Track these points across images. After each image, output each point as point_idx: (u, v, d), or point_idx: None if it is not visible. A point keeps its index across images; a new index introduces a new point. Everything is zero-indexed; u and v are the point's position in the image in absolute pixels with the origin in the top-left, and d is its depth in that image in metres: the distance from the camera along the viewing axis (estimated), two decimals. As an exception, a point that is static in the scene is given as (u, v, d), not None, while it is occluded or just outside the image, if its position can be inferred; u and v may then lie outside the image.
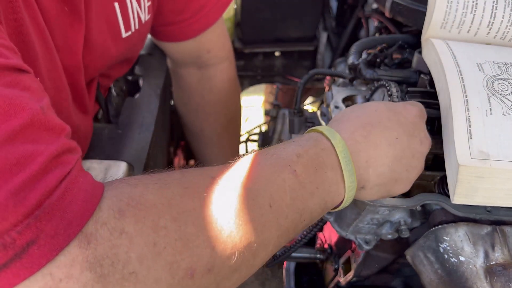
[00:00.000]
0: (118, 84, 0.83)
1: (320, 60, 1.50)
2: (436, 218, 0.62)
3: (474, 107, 0.56)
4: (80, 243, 0.34)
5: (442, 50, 0.64)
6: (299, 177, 0.47)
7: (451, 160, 0.55)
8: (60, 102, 0.58)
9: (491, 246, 0.59)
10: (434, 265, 0.61)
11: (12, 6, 0.46)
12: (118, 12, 0.69)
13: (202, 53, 0.96)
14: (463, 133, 0.55)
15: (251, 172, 0.45)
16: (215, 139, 1.15)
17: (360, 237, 0.67)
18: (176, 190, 0.40)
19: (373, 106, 0.55)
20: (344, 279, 0.79)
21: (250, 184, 0.44)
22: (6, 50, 0.38)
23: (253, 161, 0.47)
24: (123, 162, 0.65)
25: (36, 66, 0.52)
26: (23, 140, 0.34)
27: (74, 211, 0.35)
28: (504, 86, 0.59)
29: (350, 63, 0.77)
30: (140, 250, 0.35)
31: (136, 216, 0.36)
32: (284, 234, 0.46)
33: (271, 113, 1.33)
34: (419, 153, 0.55)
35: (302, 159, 0.48)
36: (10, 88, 0.35)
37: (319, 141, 0.51)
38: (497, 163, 0.53)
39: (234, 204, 0.42)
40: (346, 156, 0.49)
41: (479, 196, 0.54)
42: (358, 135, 0.51)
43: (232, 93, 1.11)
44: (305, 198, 0.47)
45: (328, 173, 0.49)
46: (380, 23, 0.96)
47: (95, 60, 0.68)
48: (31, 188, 0.33)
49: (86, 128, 0.67)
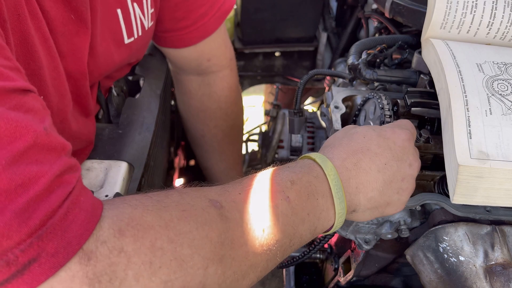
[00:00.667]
0: (118, 84, 0.83)
1: (320, 60, 1.50)
2: (436, 218, 0.62)
3: (473, 107, 0.56)
4: (81, 259, 0.36)
5: (442, 50, 0.64)
6: (291, 203, 0.49)
7: (451, 160, 0.55)
8: (63, 108, 0.59)
9: (491, 246, 0.59)
10: (434, 265, 0.61)
11: (18, 16, 0.47)
12: (120, 19, 0.69)
13: (201, 61, 0.97)
14: (463, 133, 0.55)
15: (246, 196, 0.48)
16: (215, 145, 1.16)
17: (360, 236, 0.67)
18: (174, 212, 0.42)
19: (361, 133, 0.57)
20: (344, 278, 0.79)
21: (245, 209, 0.47)
22: (11, 71, 0.39)
23: (248, 185, 0.49)
24: (124, 162, 0.65)
25: (41, 75, 0.53)
26: (27, 161, 0.36)
27: (74, 231, 0.37)
28: (503, 86, 0.59)
29: (350, 63, 0.77)
30: (137, 268, 0.38)
31: (135, 236, 0.39)
32: (273, 258, 0.48)
33: (271, 113, 1.33)
34: (408, 176, 0.57)
35: (296, 185, 0.50)
36: (15, 111, 0.37)
37: (312, 169, 0.53)
38: (497, 163, 0.53)
39: (228, 228, 0.44)
40: (337, 184, 0.52)
41: (479, 196, 0.55)
42: (349, 163, 0.54)
43: (233, 101, 1.12)
44: (296, 224, 0.49)
45: (320, 200, 0.51)
46: (380, 23, 0.96)
47: (99, 66, 0.69)
48: (35, 208, 0.35)
49: (89, 131, 0.67)
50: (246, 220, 0.46)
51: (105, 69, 0.72)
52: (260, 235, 0.46)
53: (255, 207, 0.47)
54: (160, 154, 0.97)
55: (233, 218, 0.45)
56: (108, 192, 0.59)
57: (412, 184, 0.58)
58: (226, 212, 0.45)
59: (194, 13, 0.86)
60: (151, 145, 0.74)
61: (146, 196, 0.44)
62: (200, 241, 0.42)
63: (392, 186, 0.55)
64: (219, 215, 0.44)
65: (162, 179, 1.11)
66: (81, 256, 0.36)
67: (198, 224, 0.42)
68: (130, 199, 0.43)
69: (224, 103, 1.08)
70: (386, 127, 0.59)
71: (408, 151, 0.57)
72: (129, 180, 0.64)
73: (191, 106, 1.09)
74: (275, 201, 0.48)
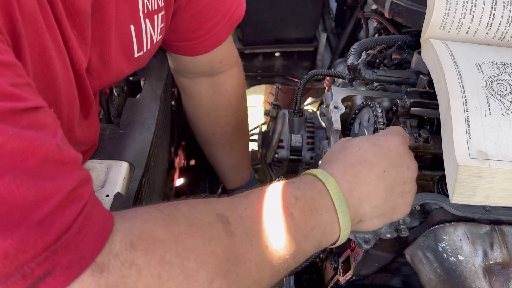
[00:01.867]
0: (119, 85, 0.83)
1: (320, 60, 1.51)
2: (435, 218, 0.62)
3: (473, 107, 0.57)
4: (94, 272, 0.38)
5: (441, 50, 0.64)
6: (295, 220, 0.51)
7: (450, 160, 0.55)
8: (72, 118, 0.60)
9: (490, 245, 0.59)
10: (433, 264, 0.61)
11: (36, 30, 0.48)
12: (133, 35, 0.71)
13: (214, 64, 0.99)
14: (462, 133, 0.55)
15: (251, 212, 0.49)
16: (226, 142, 1.17)
17: (359, 236, 0.67)
18: (182, 227, 0.44)
19: (356, 145, 0.58)
20: (343, 278, 0.79)
21: (250, 226, 0.48)
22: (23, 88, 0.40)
23: (254, 200, 0.51)
24: (125, 162, 0.65)
25: (55, 86, 0.54)
26: (41, 178, 0.37)
27: (87, 244, 0.38)
28: (503, 87, 0.59)
29: (349, 64, 0.77)
30: (147, 281, 0.40)
31: (146, 250, 0.40)
32: (276, 274, 0.50)
33: (271, 113, 1.34)
34: (409, 178, 0.58)
35: (300, 202, 0.52)
36: (28, 130, 0.38)
37: (315, 185, 0.55)
38: (496, 163, 0.53)
39: (233, 244, 0.46)
40: (340, 197, 0.53)
41: (478, 195, 0.55)
42: (349, 175, 0.55)
43: (241, 96, 1.14)
44: (299, 240, 0.51)
45: (324, 215, 0.53)
46: (380, 23, 0.97)
47: (110, 78, 0.71)
48: (50, 224, 0.36)
49: (93, 134, 0.68)
50: (251, 236, 0.48)
51: (115, 80, 0.74)
52: (264, 252, 0.48)
53: (260, 224, 0.49)
54: (161, 154, 0.98)
55: (238, 234, 0.47)
56: (109, 192, 0.59)
57: (413, 185, 0.59)
58: (232, 228, 0.47)
59: (207, 23, 0.88)
60: (151, 145, 0.74)
61: (156, 209, 0.45)
62: (206, 256, 0.43)
63: (394, 191, 0.57)
64: (226, 231, 0.46)
65: (163, 179, 1.12)
66: (93, 269, 0.38)
67: (205, 239, 0.44)
68: (141, 213, 0.44)
69: (234, 99, 1.10)
70: (378, 135, 0.61)
71: (404, 155, 0.58)
72: (129, 180, 0.64)
73: (202, 107, 1.10)
74: (279, 218, 0.50)
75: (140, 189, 0.68)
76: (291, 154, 1.22)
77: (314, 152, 1.23)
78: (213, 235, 0.45)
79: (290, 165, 1.26)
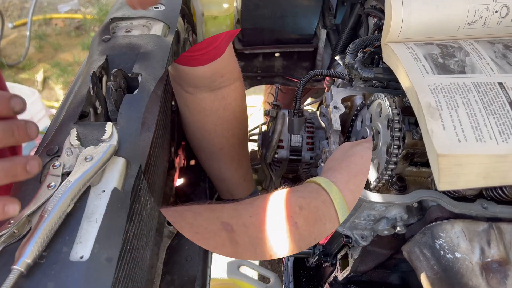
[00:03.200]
0: (117, 81, 0.83)
1: (320, 60, 1.51)
2: (433, 215, 0.62)
3: (442, 100, 0.57)
4: None
5: (401, 52, 0.64)
6: (299, 229, 0.51)
7: (431, 152, 0.55)
8: None
9: (487, 243, 0.59)
10: (430, 261, 0.61)
11: None
12: None
13: (215, 78, 1.01)
14: (436, 125, 0.55)
15: (256, 221, 0.50)
16: (234, 154, 1.17)
17: (357, 232, 0.67)
18: (187, 235, 0.45)
19: (358, 154, 0.60)
20: (341, 274, 0.79)
21: (254, 235, 0.49)
22: None
23: (259, 208, 0.52)
24: (121, 158, 0.65)
25: None
26: None
27: None
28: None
29: (347, 62, 0.77)
30: None
31: None
32: None
33: (271, 113, 1.33)
34: None
35: (304, 211, 0.53)
36: None
37: (319, 194, 0.55)
38: (471, 149, 0.53)
39: (236, 252, 0.46)
40: (343, 207, 0.54)
41: (462, 181, 0.54)
42: (352, 185, 0.56)
43: (244, 109, 1.15)
44: (302, 249, 0.51)
45: (327, 225, 0.53)
46: (379, 20, 0.97)
47: None
48: None
49: None
50: (255, 245, 0.48)
51: None
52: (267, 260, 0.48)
53: (263, 233, 0.49)
54: (161, 154, 0.98)
55: (242, 243, 0.48)
56: (105, 188, 0.59)
57: None
58: (236, 236, 0.47)
59: (206, 40, 0.90)
60: (151, 145, 0.74)
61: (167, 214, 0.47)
62: None
63: None
64: (229, 239, 0.47)
65: (163, 179, 1.11)
66: None
67: (210, 247, 0.45)
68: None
69: (239, 112, 1.11)
70: None
71: None
72: (126, 176, 0.64)
73: (207, 122, 1.11)
74: (283, 228, 0.50)
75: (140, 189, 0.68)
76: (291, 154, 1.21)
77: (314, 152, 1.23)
78: (217, 243, 0.46)
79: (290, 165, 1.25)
